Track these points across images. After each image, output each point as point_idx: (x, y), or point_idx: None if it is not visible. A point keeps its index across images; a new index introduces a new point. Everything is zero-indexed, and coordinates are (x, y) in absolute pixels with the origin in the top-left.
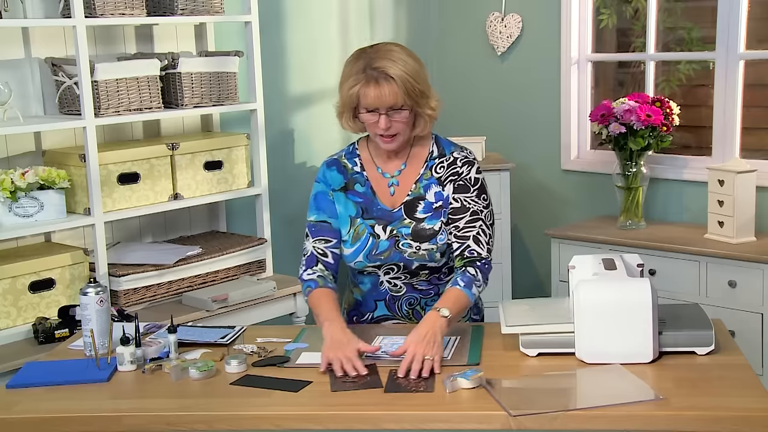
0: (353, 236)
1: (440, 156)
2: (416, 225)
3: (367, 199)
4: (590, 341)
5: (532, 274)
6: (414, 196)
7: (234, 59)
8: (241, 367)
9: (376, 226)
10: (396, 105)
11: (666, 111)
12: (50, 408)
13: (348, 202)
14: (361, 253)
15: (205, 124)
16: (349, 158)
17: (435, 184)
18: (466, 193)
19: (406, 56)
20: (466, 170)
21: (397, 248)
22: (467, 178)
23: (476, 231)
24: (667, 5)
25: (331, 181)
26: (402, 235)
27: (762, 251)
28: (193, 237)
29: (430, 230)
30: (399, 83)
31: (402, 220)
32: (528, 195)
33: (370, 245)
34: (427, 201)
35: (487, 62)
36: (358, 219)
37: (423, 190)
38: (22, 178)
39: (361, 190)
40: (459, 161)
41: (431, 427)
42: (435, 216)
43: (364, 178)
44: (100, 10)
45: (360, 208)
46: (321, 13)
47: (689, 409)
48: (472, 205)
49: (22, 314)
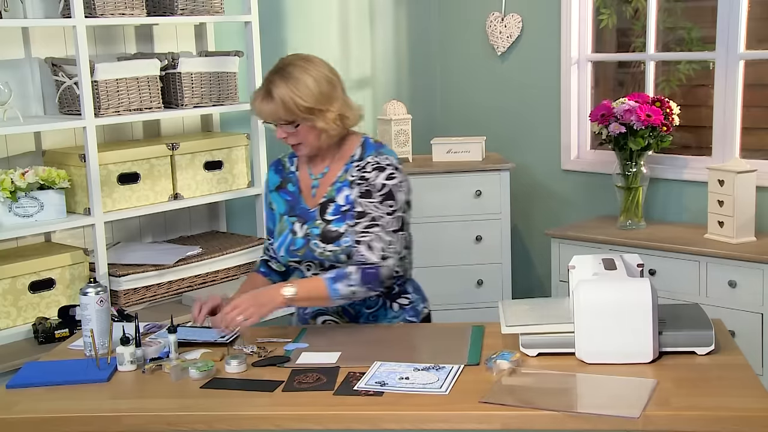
0: (278, 231)
1: (359, 160)
2: (325, 226)
3: (295, 198)
4: (590, 341)
5: (532, 274)
6: (327, 198)
7: (234, 59)
8: (241, 367)
9: (296, 223)
10: (278, 121)
11: (666, 111)
12: (50, 408)
13: (281, 200)
14: (282, 246)
15: (205, 124)
16: (290, 159)
17: (346, 186)
18: (369, 198)
19: (302, 73)
20: (373, 175)
21: (309, 247)
22: (373, 184)
23: (371, 237)
24: (667, 5)
25: (270, 181)
26: (312, 235)
27: (762, 251)
28: (193, 237)
29: (335, 232)
30: (278, 102)
31: (315, 221)
32: (528, 195)
33: (288, 241)
34: (337, 204)
35: (487, 62)
36: (285, 216)
37: (335, 193)
38: (22, 178)
39: (291, 190)
40: (369, 166)
41: (431, 427)
42: (342, 219)
43: (296, 179)
44: (100, 10)
45: (288, 205)
46: (321, 13)
47: (689, 409)
48: (372, 211)
49: (22, 314)
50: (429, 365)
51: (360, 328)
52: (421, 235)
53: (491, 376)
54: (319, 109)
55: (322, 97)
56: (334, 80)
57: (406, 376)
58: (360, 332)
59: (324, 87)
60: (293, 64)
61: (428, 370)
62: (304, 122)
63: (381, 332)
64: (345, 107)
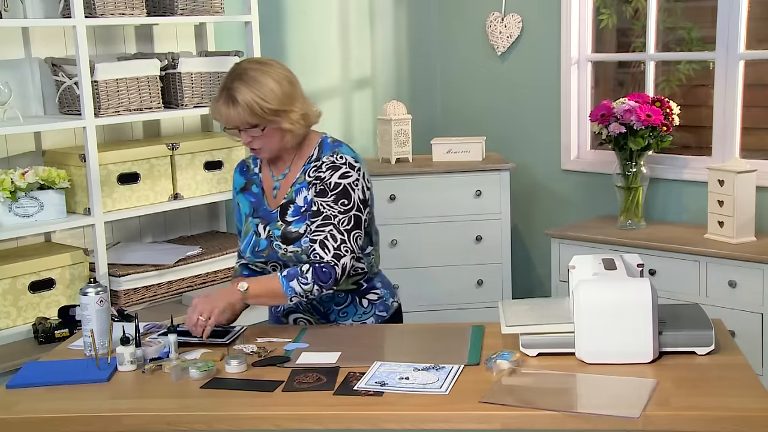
0: (244, 232)
1: (317, 160)
2: (285, 228)
3: (258, 199)
4: (590, 341)
5: (532, 274)
6: (287, 200)
7: (234, 59)
8: (241, 367)
9: (259, 225)
10: (244, 125)
11: (666, 111)
12: (50, 408)
13: (245, 201)
14: (248, 248)
15: (205, 124)
16: (254, 160)
17: (305, 187)
18: (323, 198)
19: (263, 75)
20: (328, 174)
21: (272, 248)
22: (327, 183)
23: (324, 235)
24: (667, 5)
25: (236, 182)
26: (275, 236)
27: (762, 251)
28: (193, 237)
29: (295, 233)
30: (243, 107)
31: (276, 222)
32: (528, 195)
33: (253, 242)
34: (296, 205)
35: (487, 62)
36: (249, 217)
37: (294, 194)
38: (22, 178)
39: (255, 191)
40: (324, 165)
41: (431, 427)
42: (301, 219)
43: (260, 180)
44: (100, 10)
45: (252, 207)
46: (321, 13)
47: (689, 409)
48: (326, 210)
49: (22, 314)
50: (429, 365)
51: (360, 328)
52: (421, 235)
53: (491, 376)
54: (284, 110)
55: (285, 98)
56: (293, 80)
57: (406, 376)
58: (360, 332)
59: (286, 87)
60: (251, 68)
61: (428, 370)
62: (270, 125)
63: (381, 332)
64: (306, 106)
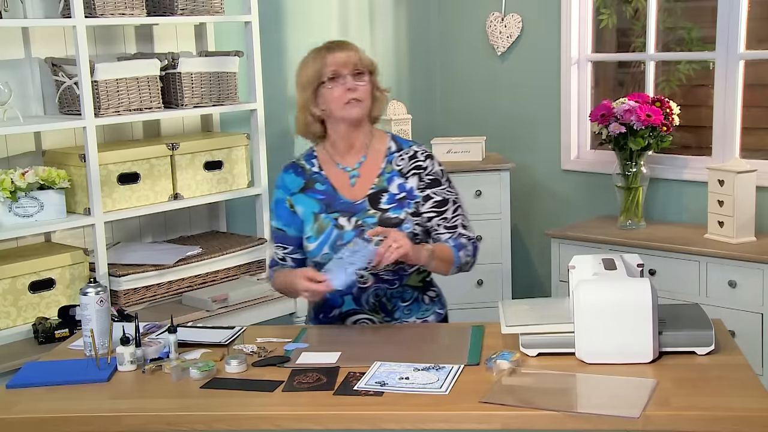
0: (317, 230)
1: (398, 150)
2: (382, 214)
3: (329, 195)
4: (590, 341)
5: (532, 274)
6: (378, 189)
7: (234, 59)
8: (241, 367)
9: (340, 218)
10: (357, 67)
11: (666, 111)
12: (50, 408)
13: (309, 200)
14: (325, 244)
15: (205, 124)
16: (307, 160)
17: (397, 176)
18: (440, 186)
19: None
20: (430, 164)
21: (363, 238)
22: (435, 172)
23: (461, 218)
24: (667, 5)
25: (290, 184)
26: (367, 224)
27: (762, 251)
28: (193, 237)
29: (396, 219)
30: (355, 48)
31: (366, 211)
32: (528, 195)
33: (334, 236)
34: (391, 193)
35: (487, 62)
36: (321, 214)
37: (386, 183)
38: (22, 178)
39: (321, 188)
40: (420, 154)
41: (431, 427)
42: (399, 207)
43: (324, 177)
44: (100, 10)
45: (323, 204)
46: (321, 13)
47: (689, 409)
48: (450, 196)
49: (22, 314)
50: (429, 365)
51: (360, 328)
52: None
53: (491, 376)
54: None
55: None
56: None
57: (406, 376)
58: (360, 332)
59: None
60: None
61: (428, 370)
62: (372, 79)
63: (381, 332)
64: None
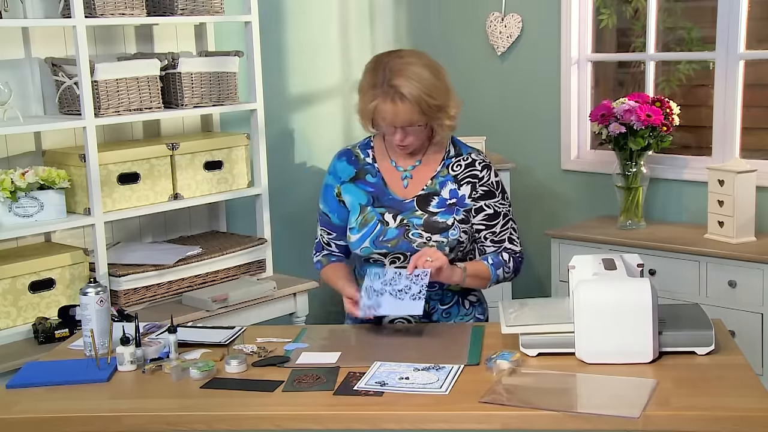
0: (361, 223)
1: (457, 155)
2: (429, 217)
3: (379, 188)
4: (590, 341)
5: (532, 274)
6: (429, 191)
7: (234, 59)
8: (241, 367)
9: (386, 214)
10: (412, 123)
11: (666, 111)
12: (50, 408)
13: (358, 190)
14: (367, 238)
15: (205, 124)
16: (363, 149)
17: (451, 181)
18: (493, 199)
19: (423, 68)
20: (486, 175)
21: (407, 237)
22: (490, 183)
23: (509, 232)
24: (667, 5)
25: (341, 172)
26: (413, 225)
27: (762, 251)
28: (193, 237)
29: (443, 224)
30: (413, 102)
31: (414, 211)
32: (528, 195)
33: (377, 231)
34: (442, 197)
35: (487, 62)
36: (368, 207)
37: (439, 187)
38: (22, 178)
39: (372, 180)
40: (478, 164)
41: (431, 427)
42: (448, 212)
43: (376, 170)
44: (100, 10)
45: (371, 196)
46: (321, 12)
47: (689, 409)
48: (502, 209)
49: (22, 314)
50: (429, 365)
51: (360, 328)
52: None
53: (491, 376)
54: (445, 105)
55: (446, 92)
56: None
57: (406, 376)
58: (360, 332)
59: (444, 80)
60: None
61: (428, 370)
62: (433, 121)
63: (381, 332)
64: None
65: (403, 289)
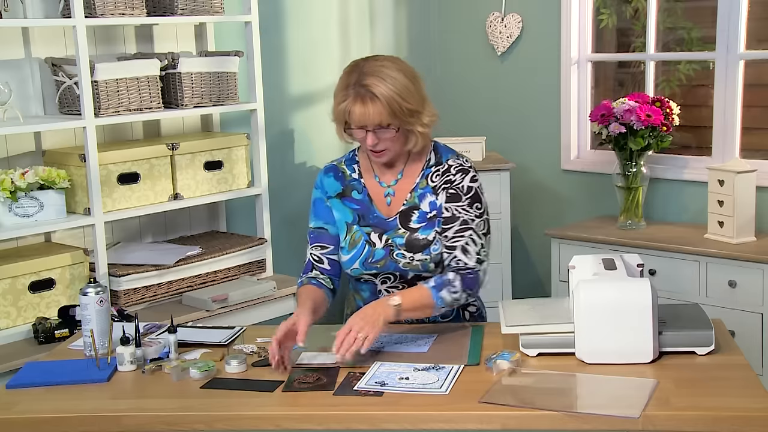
0: (350, 243)
1: (437, 164)
2: (410, 235)
3: (364, 206)
4: (590, 341)
5: (532, 274)
6: (409, 206)
7: (234, 59)
8: (241, 367)
9: (372, 233)
10: (382, 124)
11: (666, 111)
12: (50, 408)
13: (345, 208)
14: (357, 260)
15: (205, 124)
16: (348, 165)
17: (430, 193)
18: (458, 202)
19: (398, 72)
20: (459, 178)
21: (392, 258)
22: (459, 187)
23: (465, 241)
24: (667, 5)
25: (328, 187)
26: (396, 245)
27: (762, 251)
28: (193, 237)
29: (424, 240)
30: (384, 103)
31: (396, 230)
32: (528, 195)
33: (366, 253)
34: (422, 210)
35: (487, 62)
36: (354, 225)
37: (418, 200)
38: (22, 178)
39: (358, 197)
40: (453, 169)
41: (431, 427)
42: (429, 226)
43: (362, 186)
44: (100, 10)
45: (357, 215)
46: (321, 13)
47: (689, 409)
48: (462, 215)
49: (22, 314)
50: (429, 365)
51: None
52: None
53: (491, 376)
54: (419, 111)
55: (420, 98)
56: (421, 79)
57: (406, 376)
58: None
59: (419, 86)
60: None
61: (428, 370)
62: (405, 126)
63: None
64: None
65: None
